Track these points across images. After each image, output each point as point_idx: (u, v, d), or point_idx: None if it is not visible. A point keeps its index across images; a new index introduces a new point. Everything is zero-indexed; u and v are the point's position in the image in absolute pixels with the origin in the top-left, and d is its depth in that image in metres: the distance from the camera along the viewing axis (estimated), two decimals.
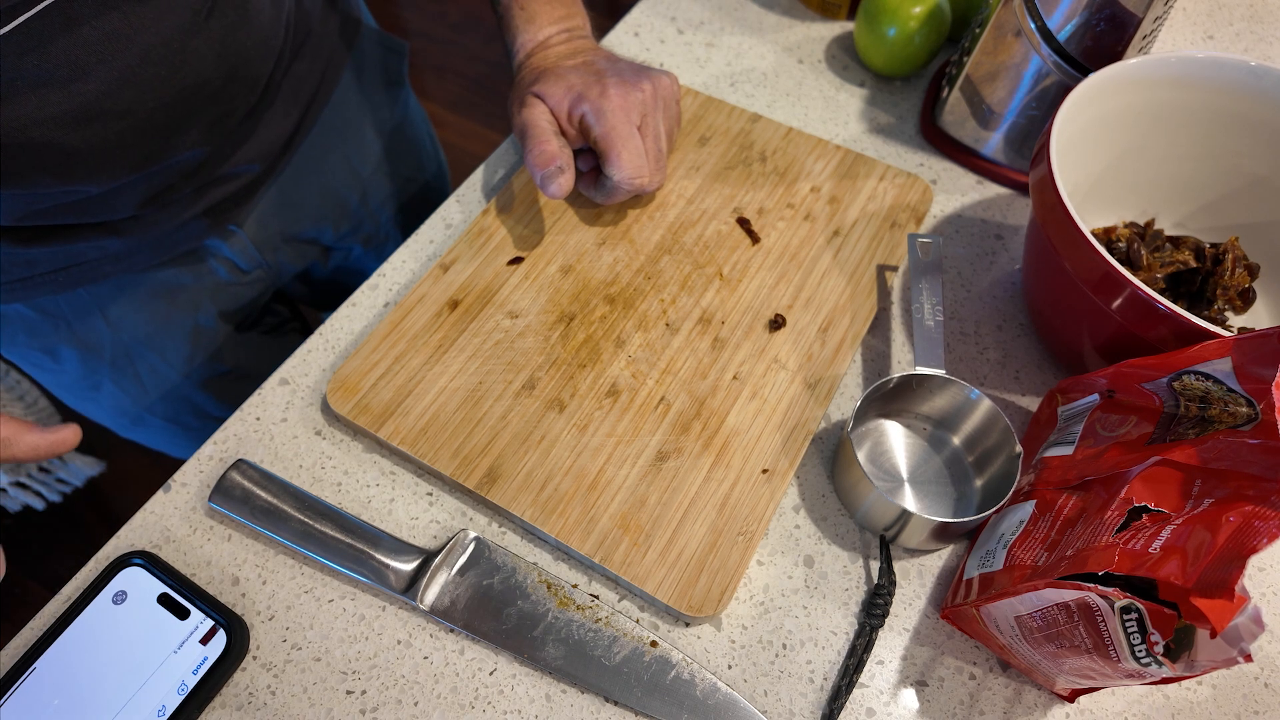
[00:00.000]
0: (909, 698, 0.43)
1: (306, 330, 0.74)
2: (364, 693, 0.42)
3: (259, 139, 0.58)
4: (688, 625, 0.44)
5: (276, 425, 0.50)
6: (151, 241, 0.57)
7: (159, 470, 0.50)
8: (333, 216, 0.71)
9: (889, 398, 0.49)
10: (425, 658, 0.43)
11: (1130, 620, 0.33)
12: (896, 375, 0.47)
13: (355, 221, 0.73)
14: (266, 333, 0.72)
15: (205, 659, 0.41)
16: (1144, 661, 0.33)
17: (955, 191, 0.63)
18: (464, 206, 0.61)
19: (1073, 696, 0.42)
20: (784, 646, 0.44)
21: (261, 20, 0.53)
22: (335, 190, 0.70)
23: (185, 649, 0.41)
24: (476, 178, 0.62)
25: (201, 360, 0.66)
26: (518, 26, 0.58)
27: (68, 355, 0.62)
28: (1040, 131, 0.56)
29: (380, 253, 0.76)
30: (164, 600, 0.43)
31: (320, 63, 0.63)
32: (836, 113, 0.68)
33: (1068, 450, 0.44)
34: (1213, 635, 0.30)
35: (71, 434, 0.42)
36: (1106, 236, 0.55)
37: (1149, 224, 0.56)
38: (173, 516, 0.47)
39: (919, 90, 0.69)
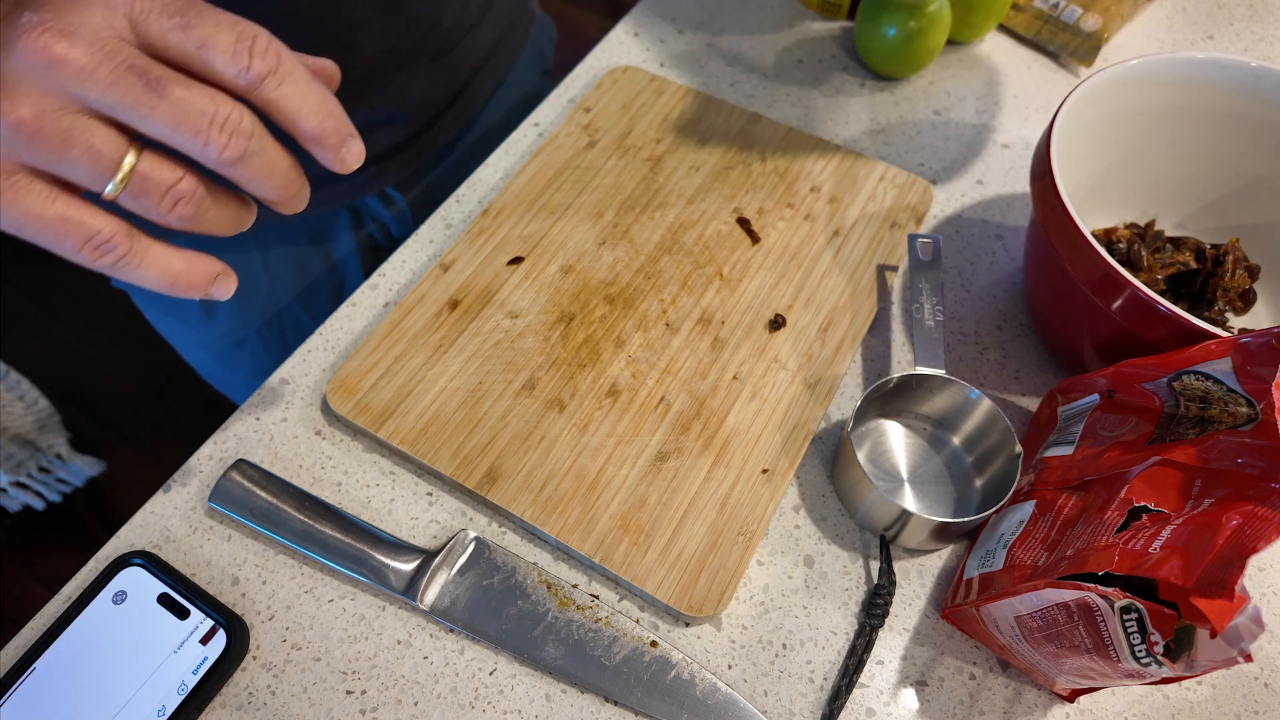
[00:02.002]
0: (909, 698, 0.43)
1: None
2: (364, 693, 0.42)
3: (434, 81, 0.58)
4: (688, 625, 0.44)
5: (276, 425, 0.50)
6: (316, 178, 0.57)
7: (159, 470, 0.50)
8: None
9: (889, 398, 0.49)
10: (425, 658, 0.43)
11: (1130, 620, 0.33)
12: (896, 375, 0.47)
13: None
14: None
15: (205, 659, 0.41)
16: (1144, 661, 0.33)
17: (955, 191, 0.63)
18: (464, 206, 0.61)
19: (1073, 696, 0.42)
20: (784, 646, 0.44)
21: None
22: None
23: (185, 649, 0.41)
24: (477, 177, 0.62)
25: None
26: None
27: (224, 303, 0.62)
28: None
29: None
30: (164, 600, 0.43)
31: (498, 31, 0.64)
32: (836, 113, 0.68)
33: (1068, 450, 0.44)
34: (1213, 635, 0.30)
35: (335, 69, 0.38)
36: (1107, 237, 0.55)
37: (1149, 225, 0.56)
38: (173, 516, 0.47)
39: (919, 90, 0.69)
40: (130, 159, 0.30)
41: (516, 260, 0.55)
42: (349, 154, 0.34)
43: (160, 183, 0.30)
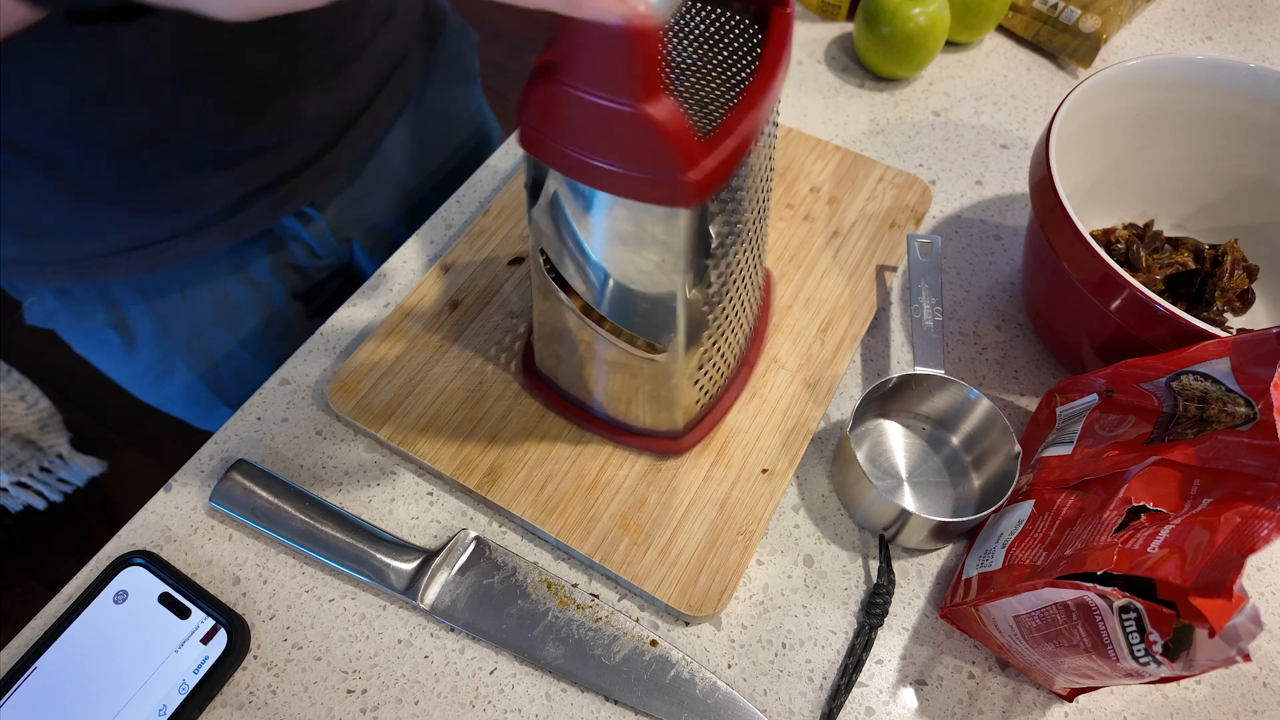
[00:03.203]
0: (908, 697, 0.43)
1: None
2: (364, 692, 0.42)
3: (331, 98, 0.57)
4: (687, 624, 0.44)
5: (277, 425, 0.50)
6: (219, 216, 0.56)
7: (160, 470, 0.50)
8: (408, 208, 0.71)
9: (888, 398, 0.49)
10: (426, 657, 0.43)
11: (1129, 620, 0.33)
12: (896, 375, 0.47)
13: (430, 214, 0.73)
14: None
15: (206, 658, 0.41)
16: (1142, 661, 0.33)
17: (954, 192, 0.63)
18: (464, 207, 0.61)
19: (1071, 696, 0.42)
20: (783, 646, 0.44)
21: None
22: (411, 182, 0.70)
23: (186, 648, 0.42)
24: (477, 178, 0.62)
25: (273, 341, 0.67)
26: None
27: (144, 334, 0.61)
28: None
29: None
30: (165, 600, 0.43)
31: (403, 41, 0.62)
32: (836, 113, 0.68)
33: (1066, 450, 0.44)
34: (1211, 635, 0.30)
35: None
36: (1105, 238, 0.55)
37: (1148, 225, 0.56)
38: (174, 516, 0.47)
39: (919, 91, 0.70)
40: None
41: (517, 260, 0.55)
42: None
43: None
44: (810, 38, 0.73)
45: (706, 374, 0.44)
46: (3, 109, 0.45)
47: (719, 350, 0.44)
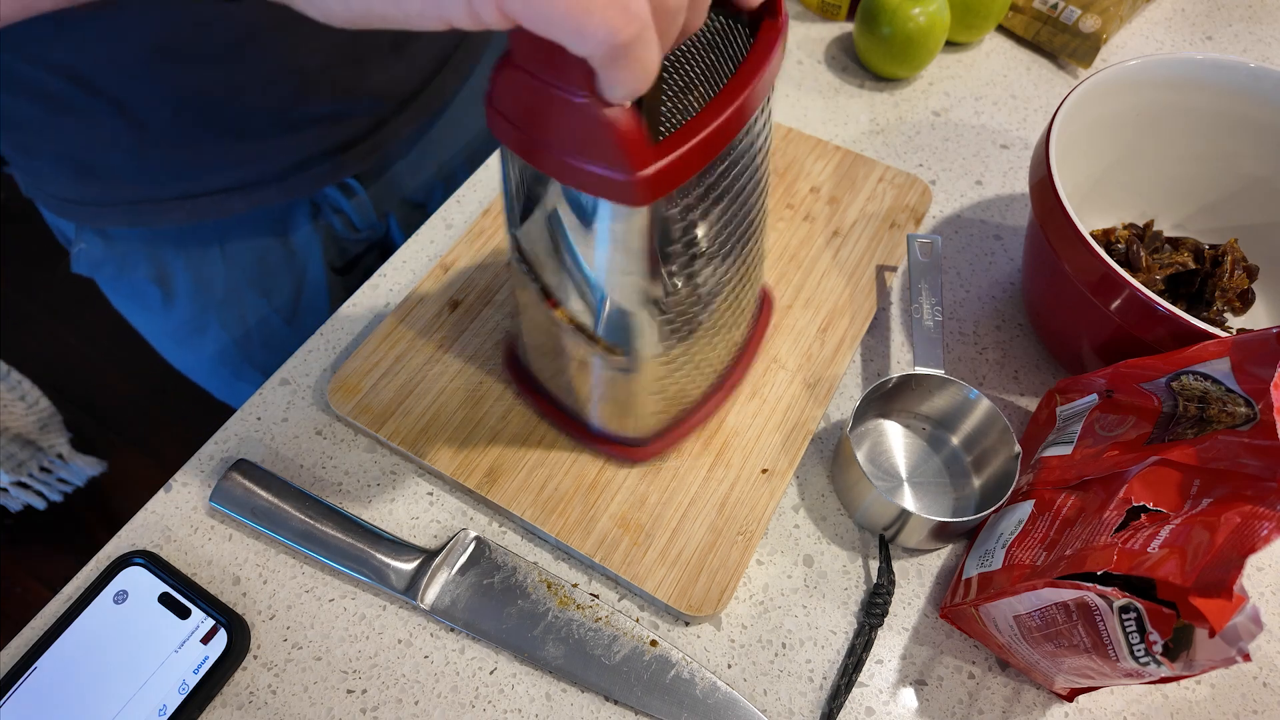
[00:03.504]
0: (908, 697, 0.43)
1: None
2: (364, 692, 0.42)
3: (392, 75, 0.58)
4: (687, 624, 0.44)
5: (277, 425, 0.50)
6: (273, 176, 0.58)
7: (160, 470, 0.50)
8: (443, 185, 0.72)
9: (888, 398, 0.49)
10: (426, 657, 0.43)
11: (1129, 620, 0.33)
12: (896, 375, 0.47)
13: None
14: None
15: (206, 658, 0.41)
16: (1143, 661, 0.33)
17: (955, 192, 0.63)
18: (464, 207, 0.61)
19: (1071, 696, 0.42)
20: (783, 646, 0.44)
21: None
22: (455, 162, 0.71)
23: (186, 648, 0.42)
24: (477, 178, 0.62)
25: (305, 309, 0.68)
26: None
27: (182, 288, 0.64)
28: None
29: None
30: (165, 600, 0.43)
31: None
32: (836, 113, 0.68)
33: (1066, 450, 0.44)
34: (1211, 635, 0.30)
35: None
36: (1105, 238, 0.55)
37: (1148, 225, 0.56)
38: (174, 516, 0.47)
39: (919, 91, 0.70)
40: None
41: None
42: None
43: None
44: (810, 38, 0.73)
45: (670, 385, 0.43)
46: (86, 50, 0.47)
47: (687, 361, 0.43)
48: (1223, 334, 0.39)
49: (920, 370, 0.48)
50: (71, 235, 0.62)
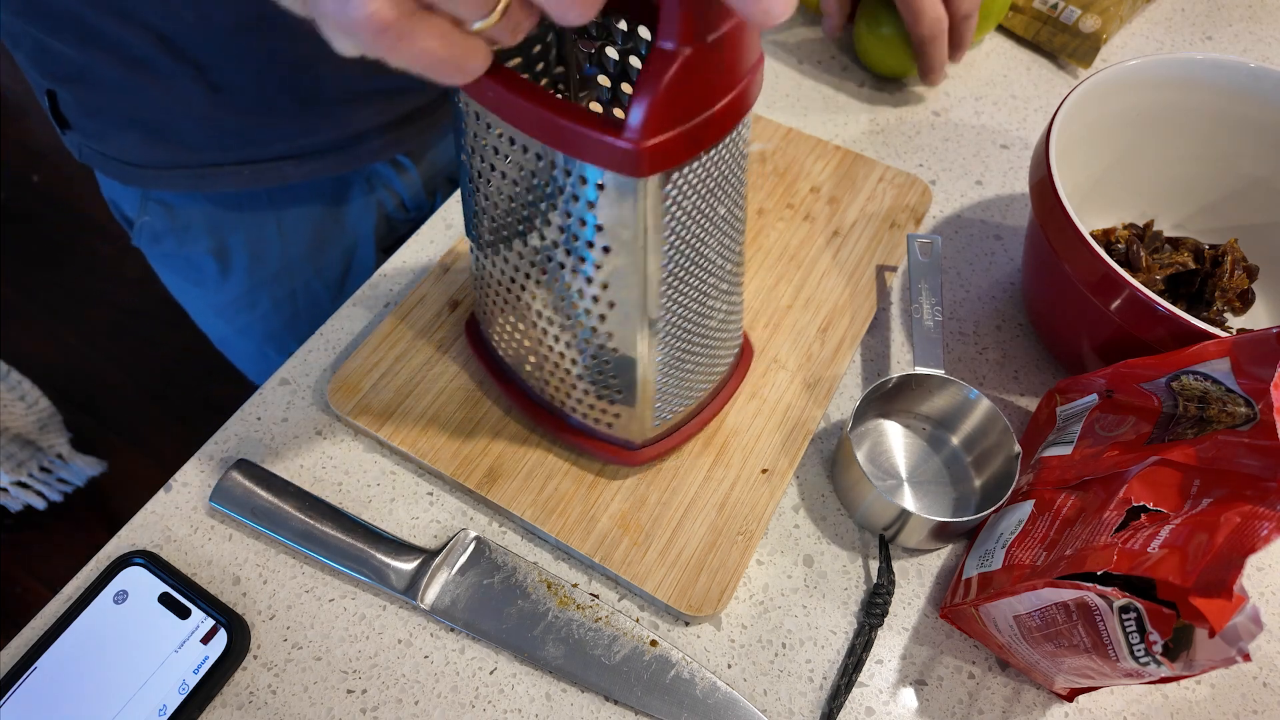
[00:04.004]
0: (908, 697, 0.43)
1: None
2: (364, 692, 0.42)
3: None
4: (687, 624, 0.44)
5: (277, 425, 0.50)
6: (332, 145, 0.60)
7: (160, 470, 0.50)
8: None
9: (888, 398, 0.49)
10: (426, 657, 0.43)
11: (1129, 620, 0.33)
12: (896, 375, 0.47)
13: None
14: None
15: (206, 658, 0.41)
16: (1143, 661, 0.33)
17: (955, 192, 0.63)
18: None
19: (1071, 696, 0.42)
20: (783, 646, 0.44)
21: None
22: None
23: (186, 648, 0.42)
24: None
25: (353, 286, 0.69)
26: None
27: (239, 260, 0.65)
28: None
29: None
30: (165, 600, 0.43)
31: None
32: (836, 113, 0.68)
33: (1066, 450, 0.44)
34: (1211, 635, 0.30)
35: None
36: (1106, 238, 0.55)
37: (1148, 225, 0.56)
38: (174, 516, 0.47)
39: (919, 90, 0.70)
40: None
41: None
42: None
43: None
44: (810, 37, 0.73)
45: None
46: (174, 14, 0.49)
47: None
48: (1223, 334, 0.39)
49: (920, 370, 0.48)
50: (128, 211, 0.64)
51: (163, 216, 0.64)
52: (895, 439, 0.50)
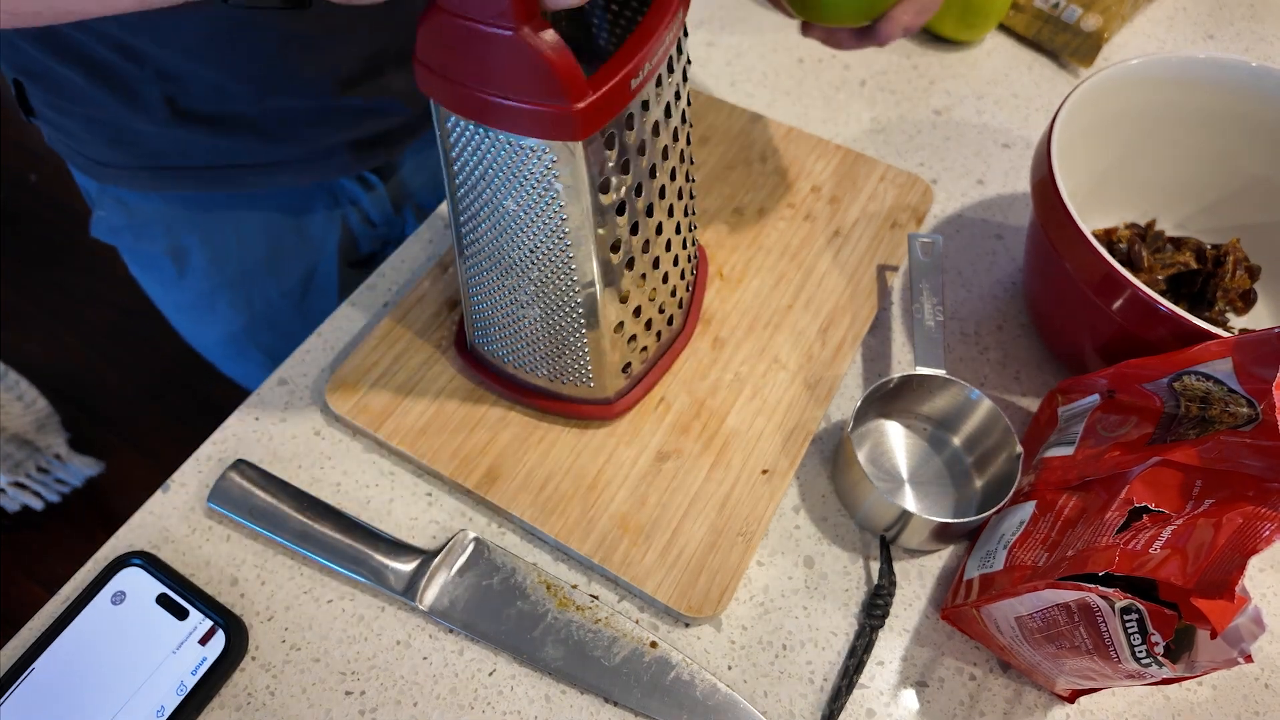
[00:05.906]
0: (909, 698, 0.43)
1: None
2: (363, 693, 0.42)
3: (413, 80, 0.61)
4: (687, 626, 0.44)
5: (275, 425, 0.50)
6: (296, 158, 0.60)
7: (158, 471, 0.50)
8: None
9: (889, 398, 0.49)
10: (424, 658, 0.43)
11: (1130, 621, 0.33)
12: (897, 375, 0.47)
13: None
14: None
15: (204, 659, 0.41)
16: (1144, 662, 0.33)
17: (956, 191, 0.63)
18: None
19: (1073, 697, 0.42)
20: (784, 647, 0.44)
21: None
22: None
23: (184, 649, 0.41)
24: None
25: (314, 296, 0.69)
26: None
27: (196, 261, 0.65)
28: None
29: None
30: (163, 600, 0.43)
31: None
32: (836, 113, 0.68)
33: (1068, 451, 0.44)
34: (1213, 636, 0.30)
35: None
36: (1107, 238, 0.55)
37: (1150, 225, 0.56)
38: (171, 517, 0.46)
39: (919, 90, 0.69)
40: None
41: None
42: None
43: None
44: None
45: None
46: (139, 28, 0.49)
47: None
48: (1225, 334, 0.39)
49: (921, 370, 0.47)
50: (96, 195, 0.64)
51: (119, 212, 0.63)
52: (896, 439, 0.50)
